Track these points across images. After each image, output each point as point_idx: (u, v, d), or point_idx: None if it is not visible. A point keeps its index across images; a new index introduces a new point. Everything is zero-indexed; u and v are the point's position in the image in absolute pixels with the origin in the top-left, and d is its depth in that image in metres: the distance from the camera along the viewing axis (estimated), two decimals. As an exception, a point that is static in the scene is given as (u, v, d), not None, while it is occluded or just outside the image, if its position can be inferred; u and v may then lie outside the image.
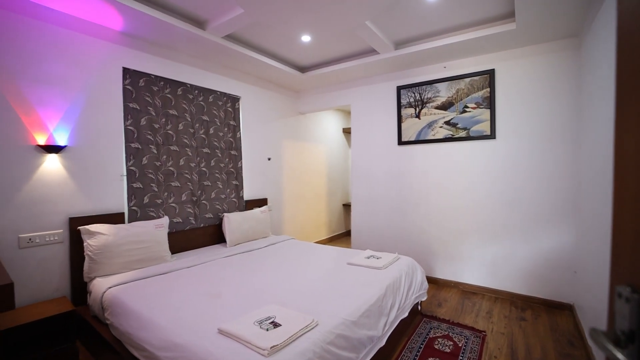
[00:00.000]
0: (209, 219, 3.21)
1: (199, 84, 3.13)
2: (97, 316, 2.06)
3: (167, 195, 2.84)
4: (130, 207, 2.59)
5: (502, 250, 3.02)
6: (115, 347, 1.78)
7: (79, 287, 2.29)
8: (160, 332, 1.53)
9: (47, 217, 2.16)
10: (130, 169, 2.59)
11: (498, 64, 2.98)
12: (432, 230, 3.42)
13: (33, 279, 2.10)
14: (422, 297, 2.55)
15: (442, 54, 3.04)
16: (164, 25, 2.39)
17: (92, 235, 2.22)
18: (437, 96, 3.31)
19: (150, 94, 2.72)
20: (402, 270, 2.38)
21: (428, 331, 2.39)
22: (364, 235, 3.95)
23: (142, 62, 2.66)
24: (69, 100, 2.25)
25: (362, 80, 3.89)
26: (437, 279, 3.39)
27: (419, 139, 3.45)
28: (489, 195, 3.07)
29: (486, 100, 3.02)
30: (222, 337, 1.42)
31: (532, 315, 2.64)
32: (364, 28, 2.57)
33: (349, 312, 1.68)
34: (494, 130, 3.00)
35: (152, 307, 1.76)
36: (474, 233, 3.17)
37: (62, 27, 2.21)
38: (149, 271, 2.30)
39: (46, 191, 2.15)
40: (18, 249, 2.03)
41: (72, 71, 2.27)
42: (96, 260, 2.20)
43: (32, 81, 2.08)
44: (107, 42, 2.45)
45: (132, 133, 2.60)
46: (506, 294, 3.00)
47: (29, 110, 2.07)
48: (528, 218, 2.88)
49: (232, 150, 3.48)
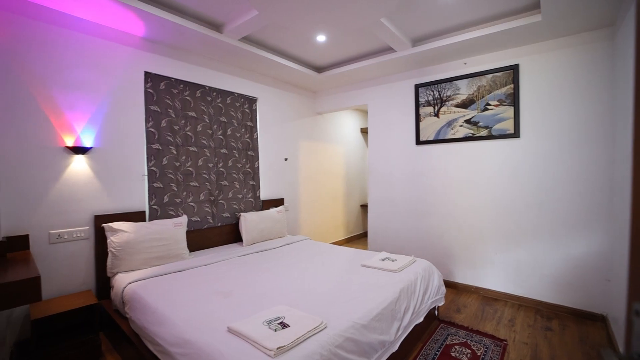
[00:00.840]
0: (226, 218, 3.28)
1: (217, 86, 3.20)
2: (119, 310, 2.16)
3: (186, 194, 2.93)
4: (151, 206, 2.69)
5: (527, 255, 2.86)
6: (134, 340, 1.85)
7: (103, 281, 2.40)
8: (173, 328, 1.57)
9: (75, 215, 2.29)
10: (151, 169, 2.69)
11: (522, 59, 2.82)
12: (451, 232, 3.31)
13: (61, 272, 2.23)
14: (439, 302, 2.46)
15: (462, 49, 2.93)
16: (183, 29, 2.46)
17: (115, 233, 2.33)
18: (457, 94, 3.20)
19: (170, 97, 2.81)
20: (418, 273, 2.32)
21: (445, 338, 2.30)
22: (380, 237, 3.89)
23: (162, 66, 2.76)
24: (94, 104, 2.37)
25: (378, 79, 3.83)
26: (456, 283, 3.27)
27: (437, 139, 3.34)
28: (514, 197, 2.92)
29: (510, 97, 2.88)
30: (231, 336, 1.43)
31: (559, 325, 2.49)
32: (379, 26, 2.53)
33: (359, 315, 1.65)
34: (518, 129, 2.85)
35: (167, 303, 1.82)
36: (496, 237, 3.03)
37: (88, 34, 2.33)
38: (167, 268, 2.37)
39: (74, 190, 2.28)
40: (48, 244, 2.17)
41: (98, 76, 2.39)
42: (118, 256, 2.30)
43: (62, 86, 2.21)
44: (129, 48, 2.56)
45: (153, 134, 2.70)
46: (531, 301, 2.84)
47: (59, 114, 2.20)
48: (556, 222, 2.71)
49: (249, 150, 3.53)
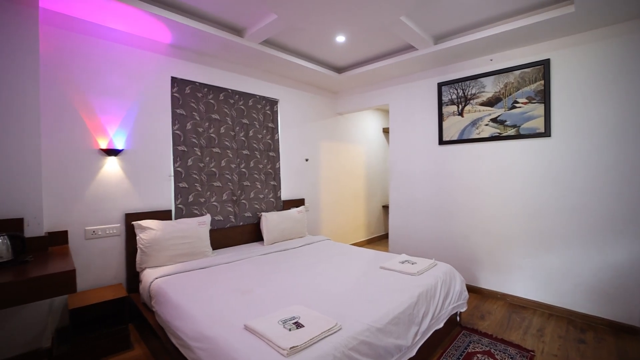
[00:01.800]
0: (248, 217, 3.36)
1: (239, 88, 3.29)
2: (146, 303, 2.28)
3: (210, 194, 3.04)
4: (177, 205, 2.81)
5: (559, 261, 2.70)
6: (159, 333, 1.95)
7: (133, 276, 2.55)
8: (193, 323, 1.64)
9: (107, 213, 2.44)
10: (177, 170, 2.81)
11: (554, 53, 2.66)
12: (476, 236, 3.19)
13: (96, 266, 2.39)
14: (461, 308, 2.38)
15: (488, 45, 2.81)
16: (207, 35, 2.55)
17: (144, 230, 2.46)
18: (482, 92, 3.07)
19: (195, 100, 2.93)
20: (439, 277, 2.26)
21: (467, 345, 2.23)
22: (401, 239, 3.82)
23: (187, 71, 2.88)
24: (125, 109, 2.52)
25: (400, 79, 3.76)
26: (480, 288, 3.15)
27: (461, 138, 3.23)
28: (544, 200, 2.76)
29: (540, 94, 2.73)
30: (247, 333, 1.47)
31: (594, 338, 2.32)
32: (399, 24, 2.48)
33: (375, 318, 1.64)
34: (549, 127, 2.69)
35: (189, 299, 1.90)
36: (524, 241, 2.88)
37: (120, 43, 2.49)
38: (191, 265, 2.47)
39: (107, 189, 2.44)
40: (84, 240, 2.33)
41: (129, 82, 2.54)
42: (146, 252, 2.43)
43: (97, 93, 2.37)
44: (157, 55, 2.69)
45: (179, 137, 2.82)
46: (562, 310, 2.67)
47: (94, 118, 2.36)
48: (592, 226, 2.53)
49: (271, 151, 3.60)
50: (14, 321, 1.93)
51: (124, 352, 2.13)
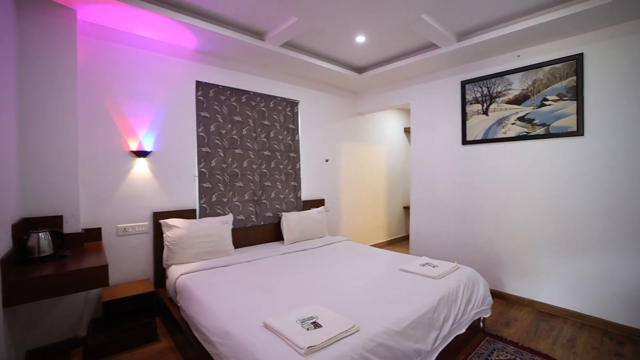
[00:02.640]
0: (269, 217, 3.42)
1: (261, 90, 3.36)
2: (172, 298, 2.38)
3: (232, 194, 3.12)
4: (201, 205, 2.92)
5: (593, 267, 2.54)
6: (184, 327, 2.04)
7: (160, 271, 2.67)
8: (215, 320, 1.70)
9: (137, 211, 2.58)
10: (201, 171, 2.92)
11: (587, 47, 2.51)
12: (501, 239, 3.06)
13: (126, 262, 2.53)
14: (484, 314, 2.31)
15: (515, 41, 2.70)
16: (229, 40, 2.63)
17: (170, 228, 2.57)
18: (508, 89, 2.95)
19: (218, 103, 3.03)
20: (461, 281, 2.19)
21: (490, 352, 2.15)
22: (423, 241, 3.74)
23: (211, 75, 2.98)
24: (153, 112, 2.64)
25: (421, 77, 3.69)
26: (506, 294, 3.02)
27: (486, 138, 3.12)
28: (576, 202, 2.61)
29: (572, 91, 2.58)
30: (266, 331, 1.51)
31: (633, 352, 2.17)
32: (420, 22, 2.44)
33: (394, 321, 1.62)
34: (582, 126, 2.54)
35: (212, 295, 1.96)
36: (555, 245, 2.73)
37: (149, 50, 2.61)
38: (214, 262, 2.56)
39: (136, 189, 2.57)
40: (116, 237, 2.48)
41: (156, 87, 2.66)
42: (172, 249, 2.54)
43: (127, 97, 2.51)
44: (183, 60, 2.80)
45: (203, 138, 2.93)
46: (597, 321, 2.52)
47: (125, 121, 2.50)
48: (631, 231, 2.36)
49: (291, 152, 3.64)
50: (54, 311, 2.08)
51: (152, 344, 2.23)
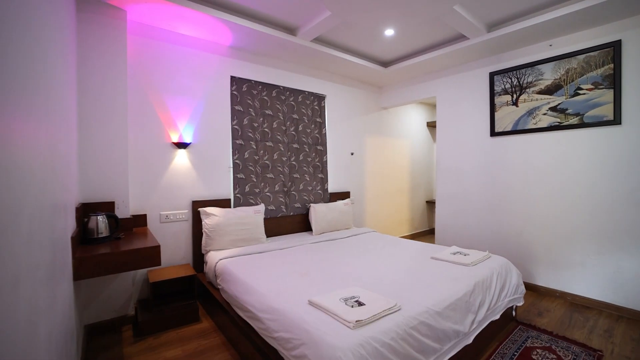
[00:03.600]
0: (297, 208, 3.52)
1: (290, 85, 3.45)
2: (211, 282, 2.51)
3: (264, 185, 3.24)
4: (235, 195, 3.04)
5: (631, 260, 2.50)
6: (226, 307, 2.15)
7: (198, 257, 2.81)
8: (261, 298, 1.80)
9: (178, 200, 2.72)
10: (235, 162, 3.04)
11: (625, 34, 2.46)
12: (532, 231, 3.04)
13: (169, 247, 2.68)
14: (517, 302, 2.32)
15: (547, 30, 2.67)
16: (263, 36, 2.73)
17: (208, 216, 2.70)
18: (539, 79, 2.92)
19: (251, 97, 3.14)
20: (494, 269, 2.22)
21: (525, 339, 2.16)
22: (449, 233, 3.75)
23: (244, 70, 3.09)
24: (192, 106, 2.78)
25: (448, 70, 3.69)
26: (536, 286, 3.01)
27: (516, 129, 3.10)
28: (613, 193, 2.57)
29: (608, 79, 2.54)
30: (312, 308, 1.59)
31: (674, 342, 2.14)
32: (452, 13, 2.46)
33: (433, 303, 1.67)
34: (620, 115, 2.50)
35: (254, 277, 2.07)
36: (588, 237, 2.70)
37: (189, 47, 2.75)
38: (250, 249, 2.67)
39: (177, 179, 2.72)
40: (159, 223, 2.63)
41: (195, 82, 2.80)
42: (211, 236, 2.67)
43: (170, 92, 2.66)
44: (219, 56, 2.93)
45: (237, 131, 3.05)
46: (635, 313, 2.47)
47: (167, 115, 2.65)
48: (670, 222, 2.32)
49: (318, 145, 3.73)
50: (107, 291, 2.25)
51: (194, 323, 2.37)
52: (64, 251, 1.42)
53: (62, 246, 1.35)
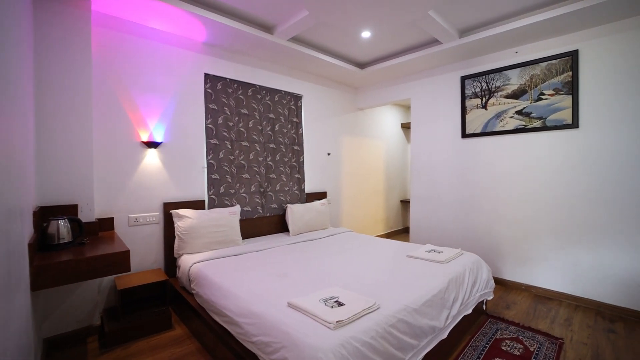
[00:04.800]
0: (274, 209, 3.48)
1: (267, 84, 3.40)
2: (185, 287, 2.41)
3: (239, 186, 3.16)
4: (210, 196, 2.95)
5: (587, 254, 2.70)
6: (200, 312, 2.07)
7: (170, 261, 2.69)
8: (239, 301, 1.75)
9: (148, 202, 2.59)
10: (210, 162, 2.94)
11: (582, 44, 2.66)
12: (499, 229, 3.21)
13: (138, 251, 2.54)
14: (487, 296, 2.43)
15: (513, 38, 2.83)
16: (239, 33, 2.66)
17: (181, 218, 2.60)
18: (506, 84, 3.09)
19: (225, 96, 3.06)
20: (466, 265, 2.31)
21: (494, 332, 2.27)
22: (423, 232, 3.86)
23: (219, 68, 3.00)
24: (164, 104, 2.66)
25: (422, 73, 3.80)
26: (504, 280, 3.17)
27: (485, 131, 3.25)
28: (572, 192, 2.76)
29: (567, 86, 2.73)
30: (291, 310, 1.57)
31: (625, 329, 2.33)
32: (426, 18, 2.53)
33: (411, 300, 1.71)
34: (577, 119, 2.69)
35: (231, 281, 2.01)
36: (551, 234, 2.89)
37: (160, 42, 2.63)
38: (225, 252, 2.60)
39: (147, 180, 2.59)
40: (128, 226, 2.49)
41: (166, 79, 2.68)
42: (184, 239, 2.56)
43: (139, 89, 2.52)
44: (192, 52, 2.82)
45: (211, 130, 2.95)
46: (590, 302, 2.68)
47: (137, 113, 2.51)
48: (624, 219, 2.51)
49: (295, 145, 3.70)
50: (69, 300, 2.09)
51: (166, 331, 2.27)
52: (21, 260, 1.30)
53: (18, 255, 1.23)
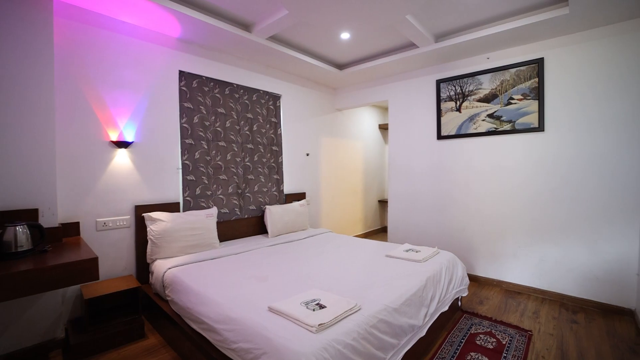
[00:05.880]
0: (252, 210, 3.41)
1: (244, 83, 3.33)
2: (159, 293, 2.31)
3: (216, 187, 3.07)
4: (185, 198, 2.84)
5: (551, 249, 2.87)
6: (176, 320, 1.99)
7: (143, 267, 2.56)
8: (217, 308, 1.69)
9: (118, 205, 2.45)
10: (185, 163, 2.84)
11: (548, 52, 2.82)
12: (473, 227, 3.34)
13: (107, 257, 2.40)
14: (462, 293, 2.51)
15: (485, 44, 2.95)
16: (216, 30, 2.58)
17: (154, 222, 2.48)
18: (479, 88, 3.22)
19: (201, 94, 2.96)
20: (443, 264, 2.38)
21: (469, 327, 2.36)
22: (401, 231, 3.94)
23: (195, 65, 2.90)
24: (135, 101, 2.53)
25: (400, 75, 3.88)
26: (477, 276, 3.30)
27: (459, 133, 3.37)
28: (538, 192, 2.92)
29: (534, 91, 2.88)
30: (272, 315, 1.54)
31: (585, 319, 2.49)
32: (404, 22, 2.58)
33: (391, 300, 1.73)
34: (543, 123, 2.85)
35: (208, 286, 1.95)
36: (519, 231, 3.04)
37: (130, 36, 2.49)
38: (202, 256, 2.51)
39: (117, 182, 2.45)
40: (95, 231, 2.34)
41: (138, 75, 2.55)
42: (157, 243, 2.45)
43: (108, 85, 2.38)
44: (166, 48, 2.71)
45: (187, 130, 2.85)
46: (555, 295, 2.85)
47: (105, 110, 2.37)
48: (584, 216, 2.69)
49: (274, 146, 3.65)
50: (30, 312, 1.93)
51: (139, 340, 2.16)
52: (-29, 271, 1.18)
53: (-32, 265, 1.12)
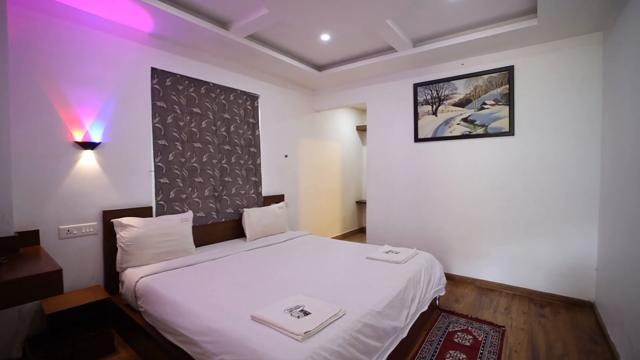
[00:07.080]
0: (230, 213, 3.31)
1: (221, 82, 3.22)
2: (130, 304, 2.17)
3: (191, 190, 2.94)
4: (158, 202, 2.69)
5: (520, 247, 3.02)
6: (150, 332, 1.88)
7: (112, 277, 2.40)
8: (196, 318, 1.61)
9: (83, 210, 2.28)
10: (158, 165, 2.69)
11: (517, 60, 2.97)
12: (448, 227, 3.44)
13: (71, 268, 2.22)
14: (440, 292, 2.58)
15: (460, 51, 3.06)
16: (191, 26, 2.47)
17: (124, 228, 2.33)
18: (454, 93, 3.33)
19: (176, 93, 2.82)
20: (422, 265, 2.42)
21: (447, 325, 2.42)
22: (379, 232, 3.99)
23: (168, 62, 2.76)
24: (103, 99, 2.36)
25: (378, 78, 3.93)
26: (453, 275, 3.41)
27: (435, 136, 3.46)
28: (509, 193, 3.07)
29: (505, 97, 3.03)
30: (255, 323, 1.49)
31: (552, 312, 2.65)
32: (384, 26, 2.61)
33: (374, 303, 1.74)
34: (513, 127, 3.00)
35: (185, 295, 1.85)
36: (491, 231, 3.18)
37: (98, 30, 2.32)
38: (177, 262, 2.39)
39: (82, 185, 2.27)
40: (58, 240, 2.16)
41: (106, 72, 2.38)
42: (128, 251, 2.30)
43: (72, 82, 2.20)
44: (137, 44, 2.55)
45: (160, 130, 2.70)
46: (524, 290, 3.00)
47: (68, 108, 2.19)
48: (550, 216, 2.86)
49: (252, 147, 3.57)
50: (-20, 331, 1.74)
51: (108, 356, 2.02)
52: None
53: None
